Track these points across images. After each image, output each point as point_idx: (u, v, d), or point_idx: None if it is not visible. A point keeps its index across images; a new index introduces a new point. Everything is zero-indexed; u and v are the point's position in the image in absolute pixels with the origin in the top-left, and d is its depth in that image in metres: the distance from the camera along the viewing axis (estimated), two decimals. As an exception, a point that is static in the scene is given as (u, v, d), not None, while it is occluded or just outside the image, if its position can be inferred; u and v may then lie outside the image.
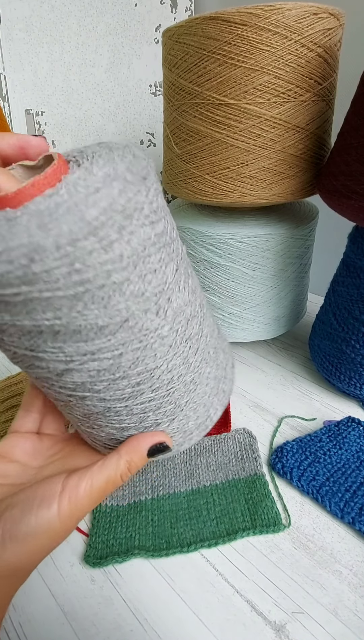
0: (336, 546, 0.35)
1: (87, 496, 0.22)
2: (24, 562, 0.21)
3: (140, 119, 0.86)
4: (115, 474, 0.23)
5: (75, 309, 0.18)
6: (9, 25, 0.77)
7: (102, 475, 0.22)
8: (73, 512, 0.21)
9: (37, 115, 0.84)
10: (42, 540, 0.21)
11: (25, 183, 0.18)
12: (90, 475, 0.22)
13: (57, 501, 0.21)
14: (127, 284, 0.19)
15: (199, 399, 0.26)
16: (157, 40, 0.81)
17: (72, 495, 0.21)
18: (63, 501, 0.21)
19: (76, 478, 0.22)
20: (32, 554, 0.21)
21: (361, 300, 0.43)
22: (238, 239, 0.49)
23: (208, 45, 0.41)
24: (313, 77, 0.42)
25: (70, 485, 0.22)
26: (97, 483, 0.22)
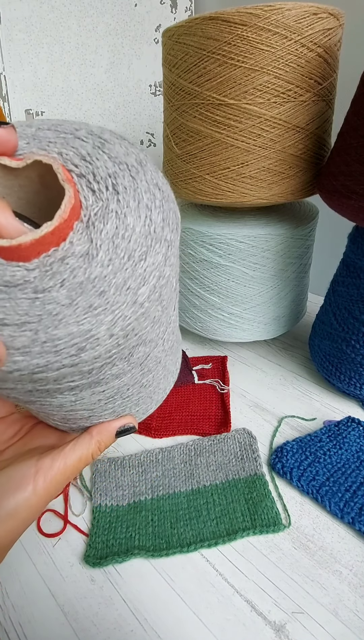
0: (336, 546, 0.35)
1: (61, 474, 0.23)
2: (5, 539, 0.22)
3: (140, 119, 0.86)
4: (87, 453, 0.24)
5: (103, 370, 0.18)
6: (9, 25, 0.77)
7: (75, 455, 0.24)
8: (49, 489, 0.23)
9: (37, 116, 0.84)
10: (21, 518, 0.22)
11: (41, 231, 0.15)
12: (63, 456, 0.23)
13: (32, 482, 0.22)
14: (150, 336, 0.19)
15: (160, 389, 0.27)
16: (157, 41, 0.82)
17: (46, 475, 0.23)
18: (39, 481, 0.22)
19: (49, 459, 0.23)
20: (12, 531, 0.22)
21: (361, 300, 0.43)
22: (238, 239, 0.49)
23: (208, 45, 0.41)
24: (313, 77, 0.42)
25: (44, 467, 0.23)
26: (70, 461, 0.23)
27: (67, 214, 0.16)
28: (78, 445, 0.24)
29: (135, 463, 0.42)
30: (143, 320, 0.17)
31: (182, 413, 0.49)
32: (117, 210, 0.17)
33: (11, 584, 0.33)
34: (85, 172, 0.18)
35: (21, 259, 0.16)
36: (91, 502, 0.39)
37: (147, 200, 0.17)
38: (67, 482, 0.24)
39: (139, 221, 0.17)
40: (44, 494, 0.22)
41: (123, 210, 0.17)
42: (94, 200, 0.17)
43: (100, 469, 0.41)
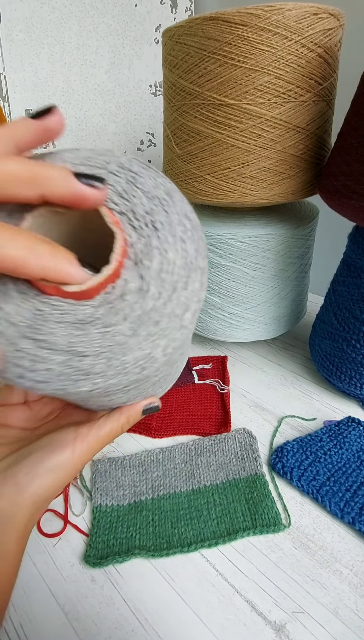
0: (336, 546, 0.35)
1: (95, 441, 0.27)
2: (49, 492, 0.25)
3: (140, 119, 0.86)
4: (117, 425, 0.27)
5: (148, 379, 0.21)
6: (9, 25, 0.77)
7: (107, 426, 0.27)
8: (85, 453, 0.26)
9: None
10: (60, 475, 0.25)
11: (103, 275, 0.18)
12: (98, 426, 0.27)
13: (72, 445, 0.26)
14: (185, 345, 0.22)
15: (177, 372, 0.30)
16: (157, 41, 0.82)
17: (83, 441, 0.26)
18: (77, 445, 0.26)
19: (86, 428, 0.27)
20: (52, 485, 0.25)
21: (361, 300, 0.43)
22: (239, 239, 0.49)
23: (208, 45, 0.41)
24: (313, 78, 0.42)
25: (82, 434, 0.26)
26: (104, 431, 0.27)
27: (120, 256, 0.19)
28: (110, 419, 0.27)
29: (136, 463, 0.42)
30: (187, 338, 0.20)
31: (182, 413, 0.49)
32: (159, 247, 0.20)
33: (12, 583, 0.33)
34: (125, 209, 0.20)
35: (86, 298, 0.19)
36: (91, 502, 0.39)
37: (180, 232, 0.20)
38: (99, 449, 0.27)
39: (177, 255, 0.20)
40: (80, 456, 0.26)
41: (163, 246, 0.20)
42: (137, 238, 0.20)
43: (101, 469, 0.41)
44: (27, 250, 0.17)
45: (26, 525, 0.25)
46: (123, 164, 0.21)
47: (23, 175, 0.17)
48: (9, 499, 0.24)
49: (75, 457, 0.26)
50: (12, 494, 0.24)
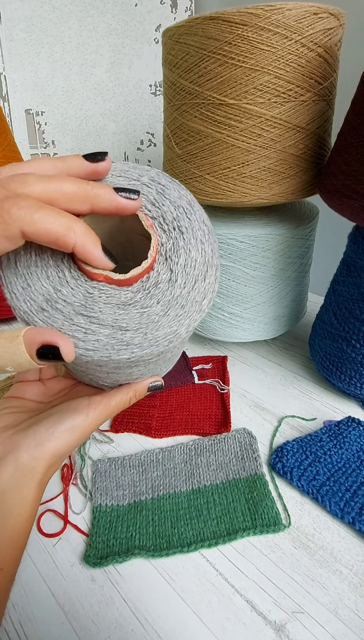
0: (336, 546, 0.35)
1: (106, 409, 0.29)
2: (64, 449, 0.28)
3: (140, 118, 0.86)
4: (126, 397, 0.30)
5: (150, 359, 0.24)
6: (9, 25, 0.77)
7: (117, 397, 0.30)
8: (97, 418, 0.29)
9: (37, 115, 0.84)
10: (75, 436, 0.28)
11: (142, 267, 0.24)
12: (108, 396, 0.30)
13: (86, 410, 0.29)
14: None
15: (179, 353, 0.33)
16: (157, 40, 0.82)
17: (97, 407, 0.29)
18: (91, 411, 0.29)
19: (98, 397, 0.30)
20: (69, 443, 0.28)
21: (361, 300, 0.43)
22: (239, 238, 0.49)
23: (208, 45, 0.41)
24: (314, 77, 0.42)
25: (95, 401, 0.29)
26: (113, 401, 0.30)
27: (155, 252, 0.24)
28: (120, 391, 0.30)
29: (136, 463, 0.42)
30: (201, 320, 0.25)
31: (182, 413, 0.49)
32: (184, 247, 0.25)
33: (11, 583, 0.33)
34: (156, 215, 0.25)
35: (127, 285, 0.24)
36: (91, 502, 0.39)
37: (200, 236, 0.25)
38: (108, 417, 0.30)
39: (198, 254, 0.25)
40: (93, 421, 0.29)
41: (187, 247, 0.25)
42: (166, 239, 0.25)
43: (100, 469, 0.41)
44: (66, 227, 0.21)
45: (43, 476, 0.27)
46: (153, 177, 0.26)
47: (78, 194, 0.22)
48: (30, 453, 0.27)
49: (88, 421, 0.29)
50: (32, 449, 0.27)
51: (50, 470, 0.28)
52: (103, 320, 0.23)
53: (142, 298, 0.24)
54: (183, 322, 0.23)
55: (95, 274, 0.23)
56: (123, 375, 0.28)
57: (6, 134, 0.62)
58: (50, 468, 0.28)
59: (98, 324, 0.23)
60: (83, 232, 0.22)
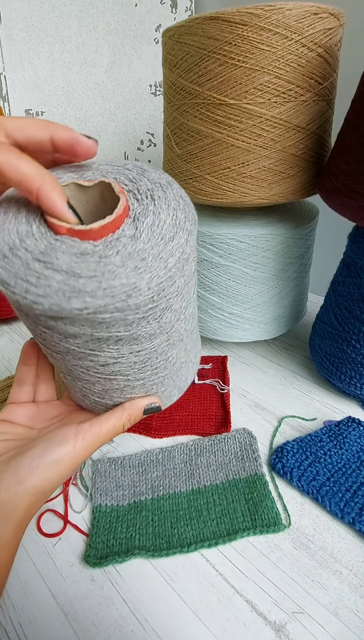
0: (336, 546, 0.35)
1: (96, 436, 0.28)
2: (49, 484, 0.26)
3: (140, 118, 0.86)
4: (119, 422, 0.29)
5: (141, 324, 0.24)
6: (9, 25, 0.77)
7: (109, 422, 0.28)
8: (86, 447, 0.27)
9: (37, 115, 0.84)
10: (61, 469, 0.27)
11: (106, 220, 0.23)
12: (99, 422, 0.28)
13: (73, 439, 0.27)
14: (174, 305, 0.26)
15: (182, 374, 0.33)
16: (157, 40, 0.81)
17: (85, 436, 0.28)
18: (79, 439, 0.27)
19: (88, 424, 0.28)
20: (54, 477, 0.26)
21: (361, 300, 0.43)
22: (239, 238, 0.49)
23: (208, 45, 0.41)
24: (314, 77, 0.42)
25: (83, 429, 0.28)
26: (105, 427, 0.28)
27: (121, 210, 0.24)
28: (112, 415, 0.29)
29: (135, 463, 0.42)
30: (170, 284, 0.24)
31: (182, 413, 0.49)
32: (153, 210, 0.25)
33: (11, 584, 0.33)
34: (131, 188, 0.26)
35: (90, 239, 0.24)
36: (91, 502, 0.39)
37: (174, 204, 0.25)
38: (100, 445, 0.28)
39: (169, 217, 0.24)
40: (81, 450, 0.27)
41: (157, 210, 0.25)
42: (138, 205, 0.25)
43: (100, 469, 0.41)
44: (37, 173, 0.22)
45: (24, 515, 0.25)
46: (136, 165, 0.28)
47: (40, 123, 0.24)
48: (8, 490, 0.25)
49: (76, 452, 0.27)
50: (12, 485, 0.25)
51: (32, 509, 0.26)
52: (58, 266, 0.22)
53: (102, 249, 0.23)
54: (143, 275, 0.22)
55: (58, 225, 0.23)
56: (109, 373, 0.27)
57: (6, 134, 0.62)
58: (33, 506, 0.26)
59: (53, 269, 0.22)
60: (50, 182, 0.23)
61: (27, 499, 0.25)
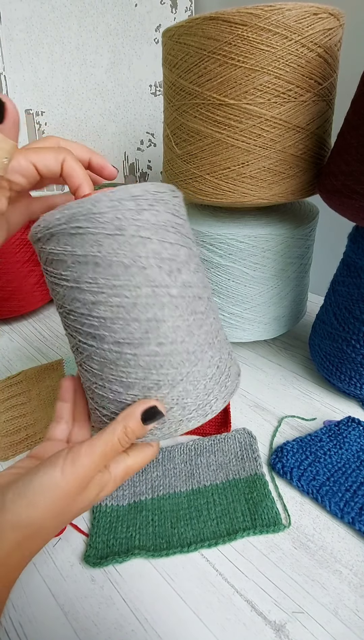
0: (336, 546, 0.35)
1: (87, 456, 0.25)
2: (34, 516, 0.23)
3: (140, 119, 0.86)
4: (112, 438, 0.26)
5: (111, 246, 0.25)
6: (9, 25, 0.77)
7: (101, 440, 0.26)
8: (77, 471, 0.24)
9: (37, 115, 0.84)
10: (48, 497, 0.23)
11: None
12: (90, 441, 0.26)
13: (61, 462, 0.24)
14: (149, 242, 0.26)
15: (199, 377, 0.29)
16: (157, 41, 0.82)
17: (74, 457, 0.25)
18: (67, 462, 0.24)
19: (78, 445, 0.26)
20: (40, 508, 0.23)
21: (361, 300, 0.43)
22: (239, 238, 0.49)
23: (208, 45, 0.41)
24: (313, 77, 0.42)
25: (73, 450, 0.25)
26: (98, 447, 0.26)
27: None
28: (104, 431, 0.26)
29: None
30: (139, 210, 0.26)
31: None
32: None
33: (11, 583, 0.33)
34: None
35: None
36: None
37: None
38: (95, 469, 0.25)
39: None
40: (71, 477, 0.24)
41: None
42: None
43: (101, 469, 0.41)
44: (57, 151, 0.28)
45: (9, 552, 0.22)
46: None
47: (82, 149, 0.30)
48: None
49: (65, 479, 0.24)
50: None
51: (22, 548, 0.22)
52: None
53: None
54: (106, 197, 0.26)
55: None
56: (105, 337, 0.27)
57: (6, 134, 0.62)
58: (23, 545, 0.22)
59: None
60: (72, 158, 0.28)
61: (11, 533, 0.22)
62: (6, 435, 0.47)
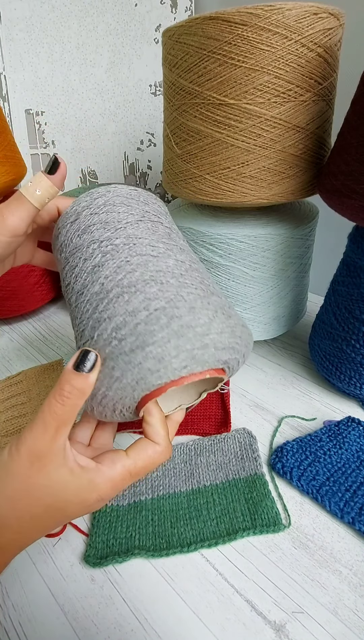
0: (336, 546, 0.35)
1: (30, 431, 0.26)
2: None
3: (140, 118, 0.86)
4: (49, 401, 0.25)
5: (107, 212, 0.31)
6: (9, 25, 0.77)
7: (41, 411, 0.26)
8: (21, 447, 0.25)
9: (37, 115, 0.84)
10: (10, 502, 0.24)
11: None
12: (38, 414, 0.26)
13: (9, 444, 0.26)
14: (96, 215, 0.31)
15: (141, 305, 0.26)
16: (157, 40, 0.82)
17: (20, 436, 0.26)
18: (13, 441, 0.26)
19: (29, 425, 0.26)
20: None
21: (361, 300, 0.43)
22: (239, 238, 0.49)
23: (208, 45, 0.41)
24: (313, 77, 0.42)
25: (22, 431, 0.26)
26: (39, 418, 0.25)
27: None
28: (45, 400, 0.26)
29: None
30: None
31: (182, 413, 0.49)
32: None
33: (11, 583, 0.33)
34: None
35: None
36: (91, 501, 0.39)
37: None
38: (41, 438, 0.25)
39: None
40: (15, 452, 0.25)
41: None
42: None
43: (100, 469, 0.41)
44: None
45: None
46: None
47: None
48: None
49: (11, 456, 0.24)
50: None
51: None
52: None
53: None
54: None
55: None
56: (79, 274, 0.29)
57: (6, 134, 0.62)
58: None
59: None
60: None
61: None
62: (6, 435, 0.47)
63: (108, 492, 0.27)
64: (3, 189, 0.60)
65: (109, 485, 0.27)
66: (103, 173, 0.90)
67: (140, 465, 0.28)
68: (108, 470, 0.27)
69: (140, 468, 0.28)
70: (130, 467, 0.28)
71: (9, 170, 0.60)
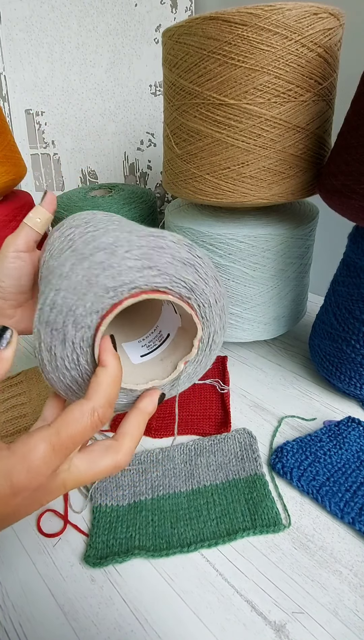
0: (336, 546, 0.35)
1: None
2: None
3: (140, 119, 0.86)
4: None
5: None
6: (9, 25, 0.77)
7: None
8: None
9: (37, 115, 0.84)
10: None
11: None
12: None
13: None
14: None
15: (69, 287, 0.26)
16: (157, 40, 0.82)
17: None
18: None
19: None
20: None
21: (361, 300, 0.43)
22: (239, 238, 0.49)
23: (208, 45, 0.41)
24: (313, 77, 0.42)
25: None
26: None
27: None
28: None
29: (135, 463, 0.42)
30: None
31: (181, 413, 0.49)
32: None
33: (11, 584, 0.33)
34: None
35: None
36: (91, 502, 0.39)
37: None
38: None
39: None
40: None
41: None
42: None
43: (100, 469, 0.41)
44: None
45: None
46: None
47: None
48: None
49: None
50: None
51: None
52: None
53: None
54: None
55: None
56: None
57: (6, 134, 0.62)
58: None
59: None
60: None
61: None
62: (6, 435, 0.47)
63: (23, 479, 0.21)
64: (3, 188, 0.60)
65: (22, 468, 0.21)
66: (103, 173, 0.90)
67: (65, 435, 0.22)
68: (20, 447, 0.21)
69: (66, 438, 0.22)
70: (52, 439, 0.22)
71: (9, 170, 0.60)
